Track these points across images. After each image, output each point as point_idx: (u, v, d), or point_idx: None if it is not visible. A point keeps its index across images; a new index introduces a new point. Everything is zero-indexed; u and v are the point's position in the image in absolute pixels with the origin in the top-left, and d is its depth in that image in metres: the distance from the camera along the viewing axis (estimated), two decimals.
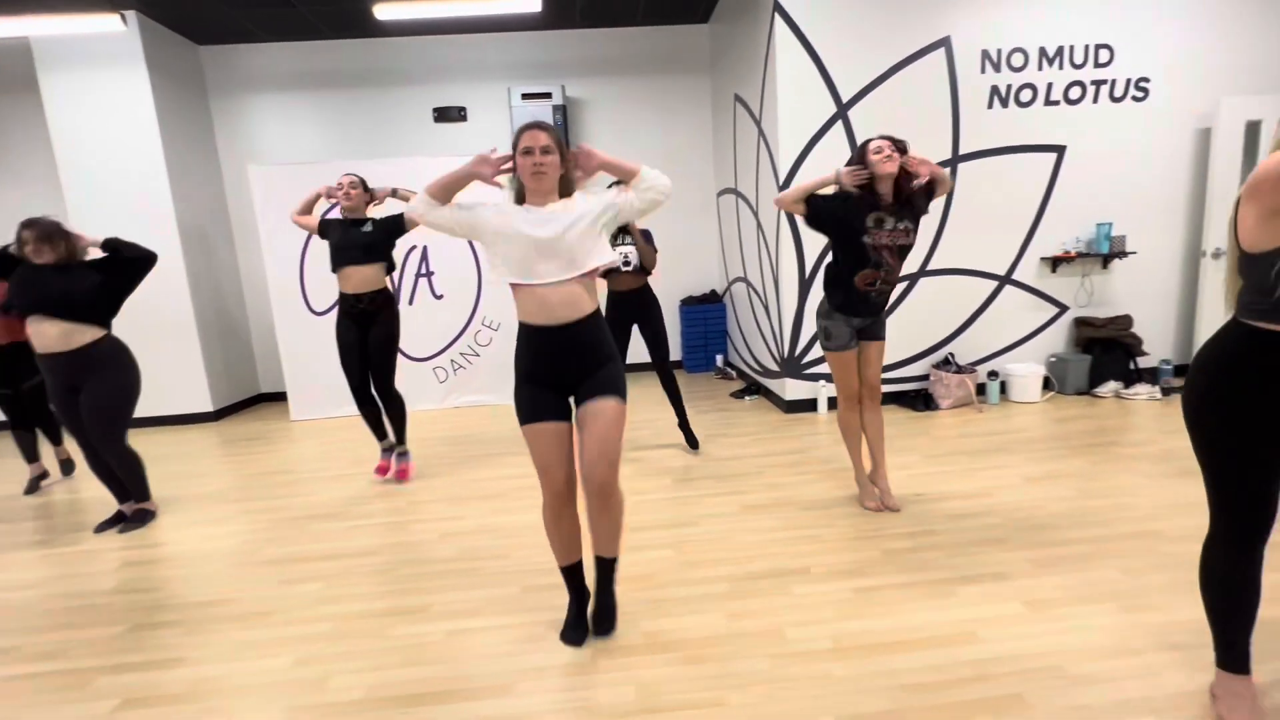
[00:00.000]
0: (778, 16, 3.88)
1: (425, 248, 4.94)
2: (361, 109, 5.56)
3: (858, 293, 2.51)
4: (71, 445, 3.73)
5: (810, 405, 4.33)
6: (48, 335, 2.69)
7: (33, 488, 3.63)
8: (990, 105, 4.08)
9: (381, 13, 4.17)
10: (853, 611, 1.97)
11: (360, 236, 3.16)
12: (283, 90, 5.49)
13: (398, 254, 4.95)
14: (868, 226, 2.43)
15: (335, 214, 3.44)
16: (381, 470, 3.44)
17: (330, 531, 2.83)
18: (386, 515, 2.97)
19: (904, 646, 1.78)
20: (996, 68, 4.05)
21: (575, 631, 1.89)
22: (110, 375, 2.81)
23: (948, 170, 4.12)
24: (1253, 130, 4.11)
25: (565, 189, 1.80)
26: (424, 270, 4.99)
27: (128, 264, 2.89)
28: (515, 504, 3.01)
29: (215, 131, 5.51)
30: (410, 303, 5.00)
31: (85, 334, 2.75)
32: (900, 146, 2.40)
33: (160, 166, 4.83)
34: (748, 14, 4.44)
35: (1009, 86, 4.06)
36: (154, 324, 4.76)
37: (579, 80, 5.62)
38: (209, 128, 5.47)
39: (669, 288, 5.98)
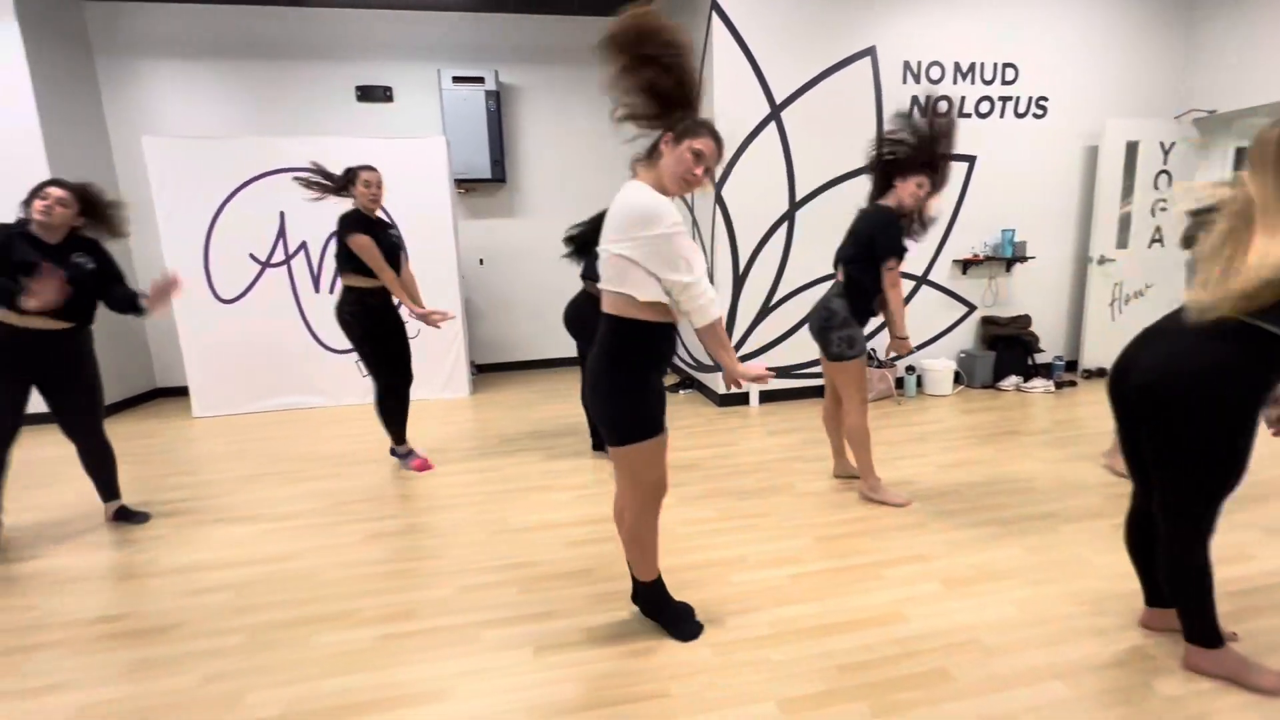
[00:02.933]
0: (715, 16, 3.93)
1: None
2: (276, 82, 5.16)
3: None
4: None
5: (742, 399, 4.44)
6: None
7: None
8: (910, 114, 4.30)
9: None
10: (788, 597, 2.03)
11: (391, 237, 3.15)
12: (184, 57, 5.01)
13: (315, 235, 4.68)
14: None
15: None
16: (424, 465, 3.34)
17: (242, 536, 2.62)
18: (306, 517, 2.79)
19: (838, 629, 1.85)
20: (917, 79, 4.28)
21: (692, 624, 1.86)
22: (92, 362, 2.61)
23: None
24: (1132, 149, 4.56)
25: None
26: None
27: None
28: (448, 501, 2.90)
29: (102, 98, 4.96)
30: (331, 290, 4.71)
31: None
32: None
33: (35, 133, 4.28)
34: (685, 11, 4.47)
35: (928, 97, 4.30)
36: None
37: (513, 66, 5.47)
38: (95, 93, 4.91)
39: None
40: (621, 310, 1.56)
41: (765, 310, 4.39)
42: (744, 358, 4.40)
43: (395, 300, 3.17)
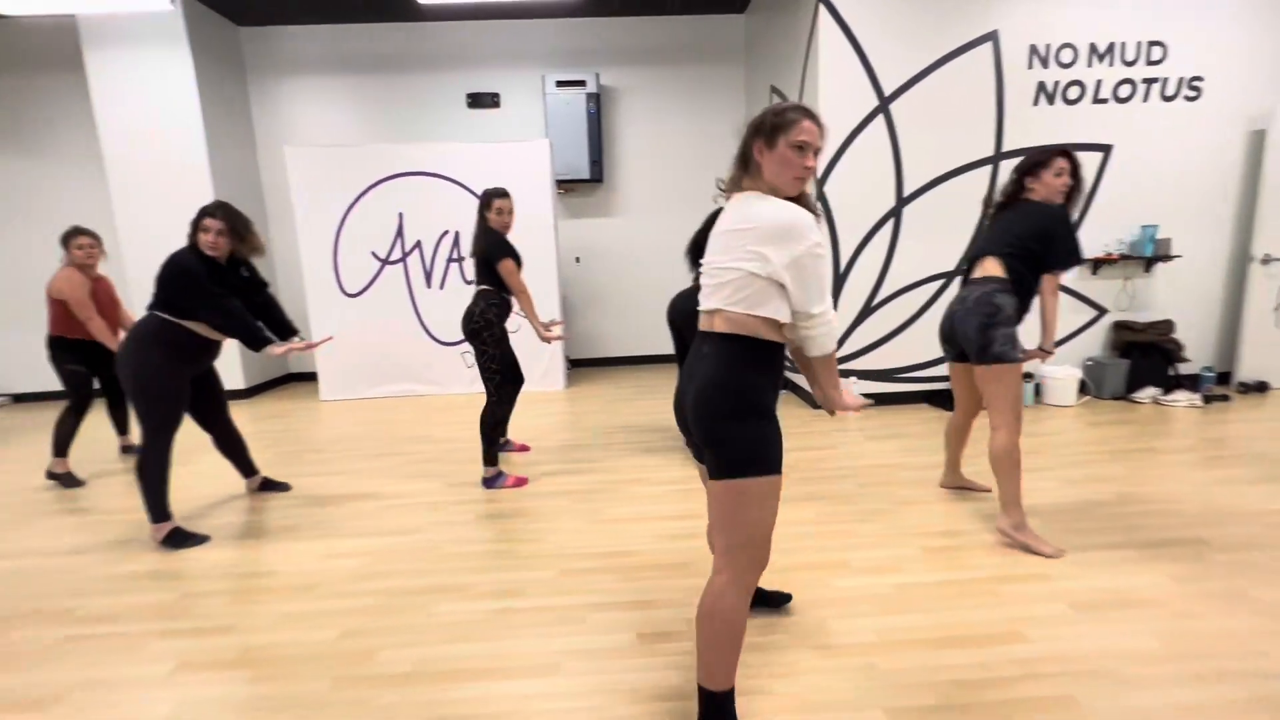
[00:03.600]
0: (822, 7, 3.83)
1: (457, 233, 4.97)
2: (396, 94, 5.59)
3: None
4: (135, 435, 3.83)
5: None
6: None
7: (127, 449, 3.84)
8: (1036, 102, 4.00)
9: None
10: (895, 607, 1.96)
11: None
12: (319, 73, 5.53)
13: (429, 234, 5.01)
14: None
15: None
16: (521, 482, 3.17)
17: (367, 509, 2.87)
18: (422, 496, 3.01)
19: (950, 643, 1.77)
20: (1045, 63, 3.97)
21: None
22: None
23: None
24: None
25: None
26: (455, 255, 5.02)
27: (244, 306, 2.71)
28: (547, 489, 3.03)
29: (253, 112, 5.57)
30: (441, 287, 5.04)
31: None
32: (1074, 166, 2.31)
33: (201, 146, 4.89)
34: (789, 4, 4.39)
35: (1056, 83, 3.97)
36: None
37: (613, 68, 5.60)
38: (246, 108, 5.53)
39: (688, 279, 5.96)
40: (749, 330, 1.36)
41: (867, 311, 4.24)
42: (844, 359, 4.27)
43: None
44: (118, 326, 3.48)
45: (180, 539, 2.57)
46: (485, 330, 3.02)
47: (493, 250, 3.00)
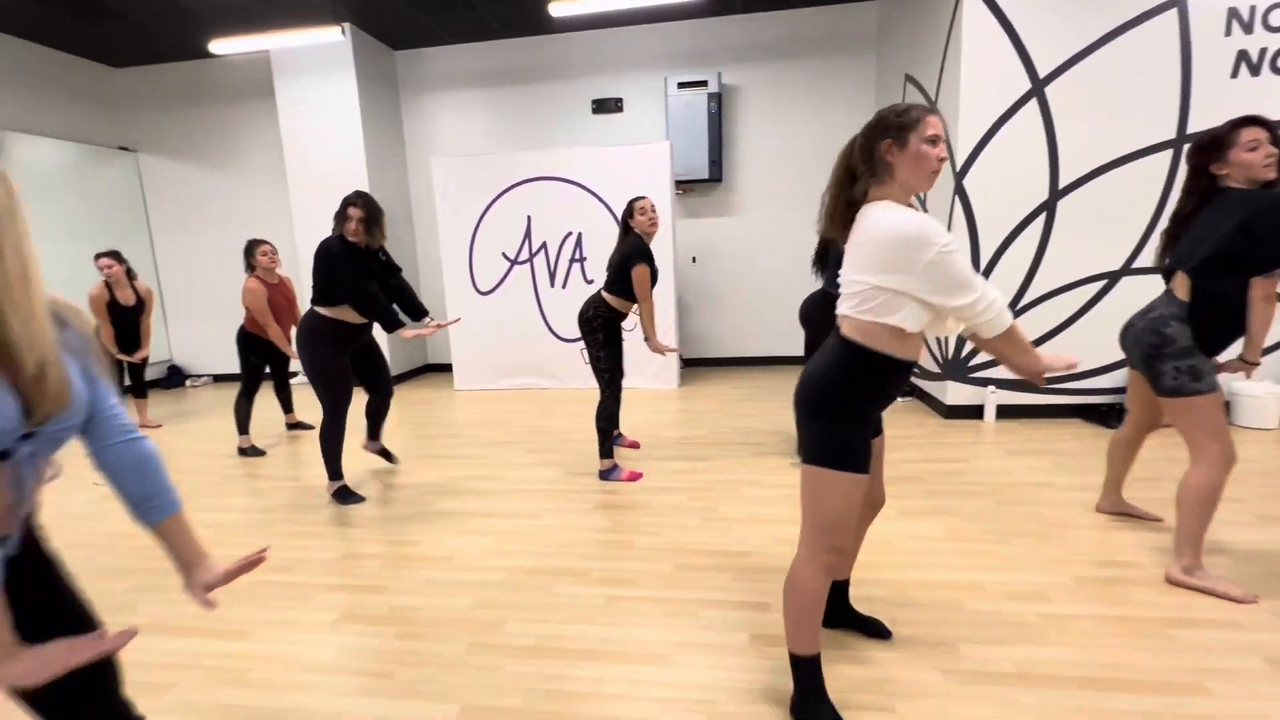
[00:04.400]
0: None
1: (579, 234, 5.18)
2: (526, 103, 5.92)
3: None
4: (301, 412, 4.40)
5: (975, 412, 3.97)
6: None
7: (293, 425, 4.45)
8: (1236, 74, 3.43)
9: (556, 10, 4.40)
10: (1038, 638, 1.78)
11: None
12: (460, 88, 6.00)
13: (554, 235, 5.26)
14: None
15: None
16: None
17: (494, 490, 3.08)
18: (542, 483, 3.18)
19: (1108, 685, 1.58)
20: (1248, 28, 3.40)
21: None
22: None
23: (1170, 152, 3.58)
24: None
25: None
26: (578, 255, 5.23)
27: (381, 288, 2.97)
28: (661, 484, 3.08)
29: (404, 126, 6.16)
30: (564, 286, 5.28)
31: None
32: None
33: (361, 157, 5.50)
34: None
35: (1263, 50, 3.39)
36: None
37: (735, 67, 5.55)
38: (399, 123, 6.13)
39: (811, 279, 5.76)
40: (872, 340, 1.36)
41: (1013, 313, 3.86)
42: (983, 366, 3.94)
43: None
44: (292, 326, 3.96)
45: (345, 495, 3.04)
46: (600, 330, 3.13)
47: (632, 254, 3.02)
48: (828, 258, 3.08)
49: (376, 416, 3.31)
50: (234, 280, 4.75)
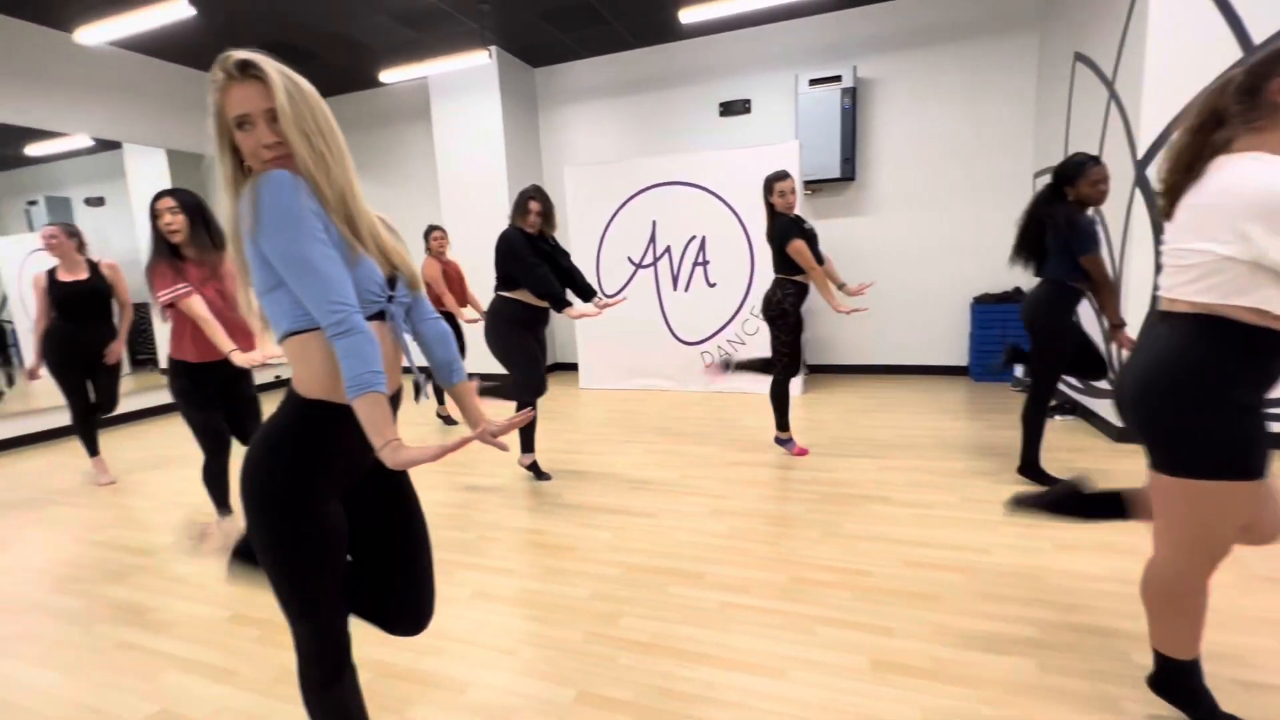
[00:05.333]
0: None
1: (704, 238, 5.20)
2: (654, 110, 6.05)
3: None
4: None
5: None
6: None
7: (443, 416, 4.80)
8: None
9: (686, 17, 4.46)
10: (1230, 703, 1.52)
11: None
12: (592, 99, 6.26)
13: (678, 239, 5.32)
14: None
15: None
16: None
17: (615, 488, 3.19)
18: (660, 484, 3.24)
19: None
20: None
21: None
22: None
23: None
24: None
25: None
26: (701, 259, 5.26)
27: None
28: (780, 492, 3.01)
29: (540, 138, 6.56)
30: (687, 289, 5.32)
31: None
32: None
33: (503, 169, 5.94)
34: None
35: None
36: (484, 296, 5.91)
37: (871, 59, 5.28)
38: (536, 135, 6.53)
39: (957, 282, 5.32)
40: (1231, 312, 1.14)
41: None
42: None
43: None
44: (464, 296, 4.54)
45: (537, 471, 3.35)
46: (781, 318, 3.29)
47: (781, 232, 3.18)
48: (1039, 243, 2.71)
49: (528, 428, 3.41)
50: None
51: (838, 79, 5.16)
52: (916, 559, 2.31)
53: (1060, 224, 2.59)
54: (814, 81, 5.22)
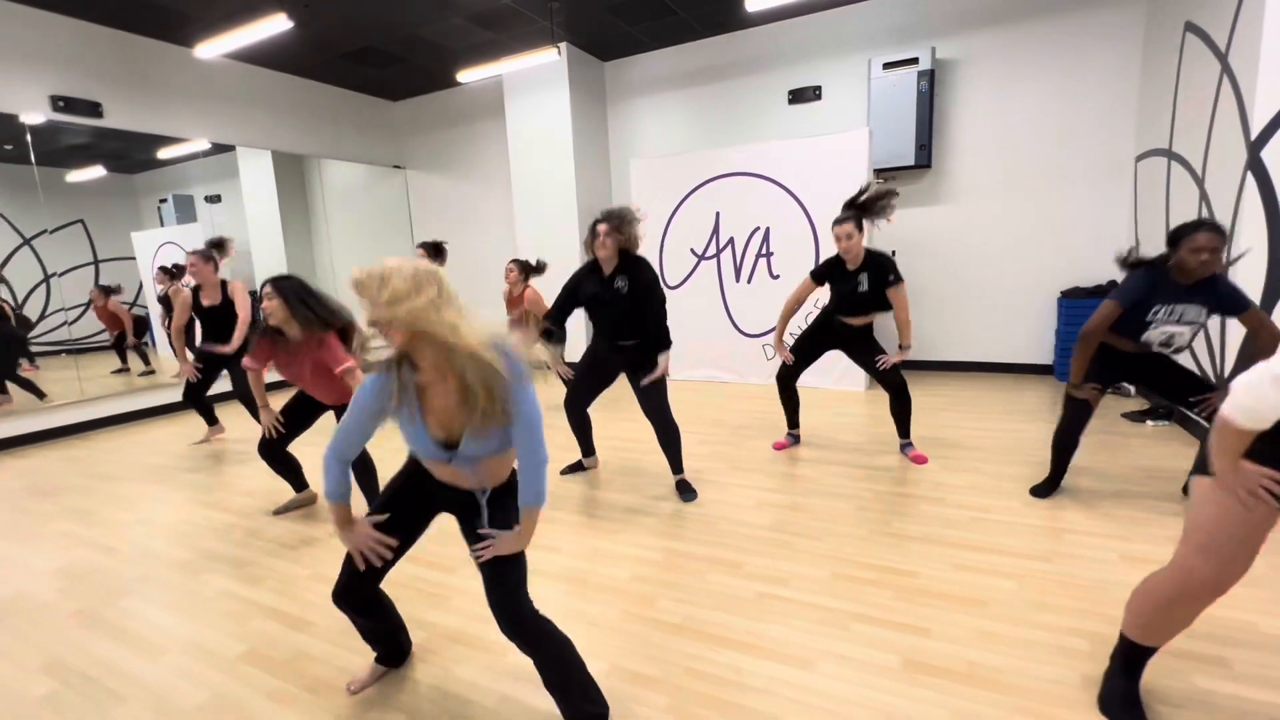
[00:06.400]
0: None
1: (767, 229, 5.13)
2: (722, 100, 5.99)
3: None
4: None
5: None
6: None
7: None
8: None
9: (752, 3, 4.39)
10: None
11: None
12: (659, 91, 6.28)
13: (741, 231, 5.27)
14: None
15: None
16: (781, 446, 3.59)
17: (666, 478, 3.25)
18: (712, 473, 3.27)
19: None
20: None
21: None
22: None
23: None
24: None
25: None
26: (764, 250, 5.19)
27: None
28: (832, 489, 2.97)
29: (609, 131, 6.66)
30: (749, 281, 5.28)
31: None
32: None
33: (570, 162, 6.08)
34: None
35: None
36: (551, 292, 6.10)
37: (953, 38, 4.99)
38: (604, 128, 6.63)
39: (1042, 274, 4.97)
40: None
41: None
42: None
43: None
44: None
45: (687, 489, 2.99)
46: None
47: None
48: None
49: (671, 447, 3.09)
50: (470, 272, 5.59)
51: (914, 61, 4.92)
52: (967, 563, 2.23)
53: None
54: (888, 65, 5.01)
